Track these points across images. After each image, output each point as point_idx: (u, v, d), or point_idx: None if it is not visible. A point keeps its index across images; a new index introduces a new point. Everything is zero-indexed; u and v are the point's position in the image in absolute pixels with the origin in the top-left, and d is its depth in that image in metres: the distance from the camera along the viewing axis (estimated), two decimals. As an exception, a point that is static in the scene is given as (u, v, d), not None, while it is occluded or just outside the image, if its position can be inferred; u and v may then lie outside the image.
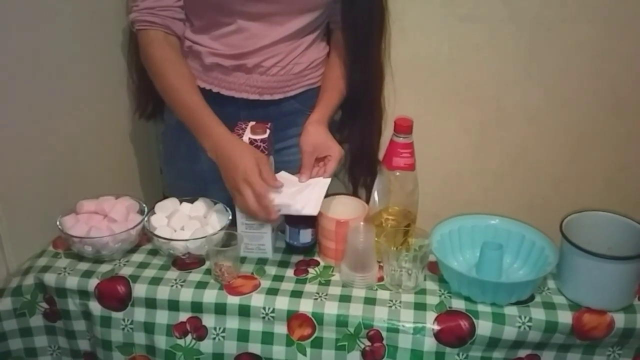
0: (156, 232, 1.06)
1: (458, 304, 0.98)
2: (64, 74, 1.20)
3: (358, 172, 1.32)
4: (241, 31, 1.14)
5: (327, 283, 1.03)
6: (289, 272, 1.06)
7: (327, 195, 1.07)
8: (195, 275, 1.04)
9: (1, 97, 1.05)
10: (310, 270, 1.06)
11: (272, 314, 0.98)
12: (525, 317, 0.94)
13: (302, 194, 1.05)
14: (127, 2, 1.14)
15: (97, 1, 1.28)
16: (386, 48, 1.26)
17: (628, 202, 1.47)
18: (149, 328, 1.02)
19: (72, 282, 1.03)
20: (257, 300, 0.99)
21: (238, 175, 0.99)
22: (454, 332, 0.94)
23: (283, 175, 1.07)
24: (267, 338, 0.99)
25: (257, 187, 0.98)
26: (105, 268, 1.06)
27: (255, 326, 0.99)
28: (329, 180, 1.08)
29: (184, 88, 1.10)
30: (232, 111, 1.05)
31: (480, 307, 0.96)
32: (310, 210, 1.01)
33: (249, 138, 1.06)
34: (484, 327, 0.94)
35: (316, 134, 1.12)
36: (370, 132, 1.29)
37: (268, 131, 1.07)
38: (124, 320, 1.02)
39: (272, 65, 1.17)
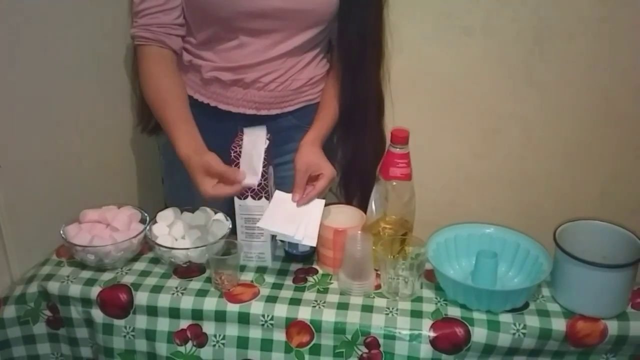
0: (157, 241, 1.08)
1: (454, 312, 0.99)
2: (68, 87, 1.22)
3: (351, 188, 1.31)
4: (243, 47, 1.15)
5: (325, 291, 1.04)
6: (288, 280, 1.07)
7: (324, 205, 1.08)
8: (196, 284, 1.06)
9: (6, 109, 1.07)
10: (309, 278, 1.08)
11: (271, 322, 0.99)
12: (519, 325, 0.95)
13: (300, 220, 1.05)
14: (132, 16, 1.16)
15: (102, 16, 1.30)
16: (384, 68, 1.26)
17: (622, 211, 1.47)
18: (150, 335, 1.03)
19: (75, 290, 1.05)
20: (256, 307, 1.00)
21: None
22: (450, 339, 0.95)
23: (278, 195, 1.08)
24: (266, 345, 1.00)
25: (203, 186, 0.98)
26: (107, 276, 1.07)
27: (255, 333, 1.00)
28: (323, 201, 1.09)
29: (164, 101, 1.10)
30: (230, 126, 1.06)
31: (476, 315, 0.98)
32: (310, 240, 1.03)
33: None
34: (479, 334, 0.95)
35: (309, 154, 1.11)
36: (362, 150, 1.27)
37: (267, 142, 1.09)
38: (125, 327, 1.03)
39: (270, 80, 1.18)
